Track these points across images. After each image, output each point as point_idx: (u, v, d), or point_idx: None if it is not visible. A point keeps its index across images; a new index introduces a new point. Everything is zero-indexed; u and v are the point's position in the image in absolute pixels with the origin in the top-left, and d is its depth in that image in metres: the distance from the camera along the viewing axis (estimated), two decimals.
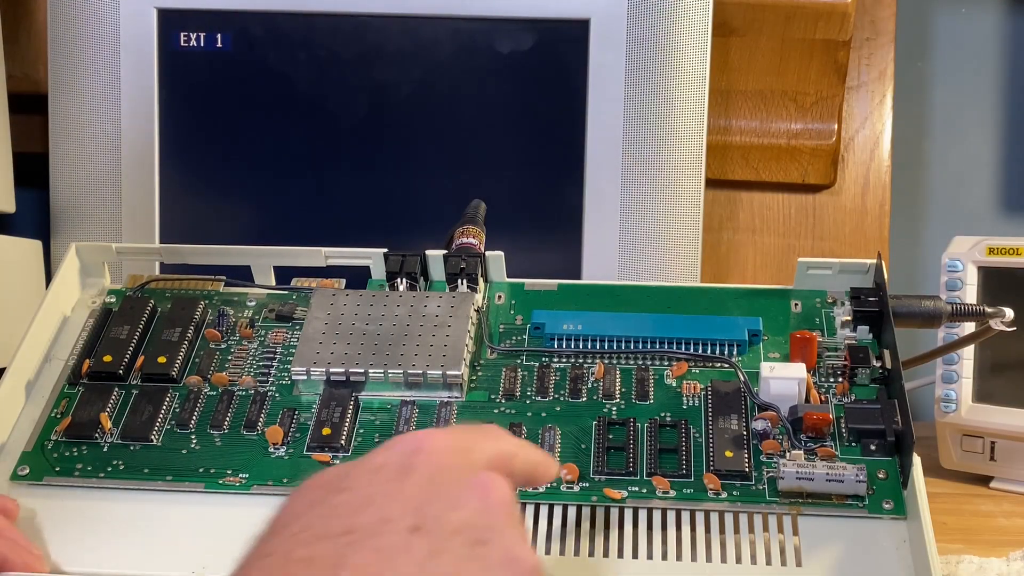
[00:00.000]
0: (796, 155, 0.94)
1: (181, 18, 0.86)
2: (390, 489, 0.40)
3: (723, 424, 0.57)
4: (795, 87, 0.94)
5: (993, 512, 0.72)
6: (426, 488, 0.40)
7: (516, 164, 0.86)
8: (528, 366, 0.61)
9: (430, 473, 0.41)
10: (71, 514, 0.56)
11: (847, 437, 0.56)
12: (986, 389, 0.76)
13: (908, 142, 1.02)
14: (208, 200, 0.87)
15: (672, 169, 0.85)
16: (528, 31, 0.85)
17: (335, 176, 0.86)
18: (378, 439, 0.58)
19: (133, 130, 0.86)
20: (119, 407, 0.60)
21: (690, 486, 0.55)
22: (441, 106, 0.86)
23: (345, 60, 0.86)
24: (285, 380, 0.61)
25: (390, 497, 0.40)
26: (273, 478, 0.57)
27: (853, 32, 0.92)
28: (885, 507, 0.53)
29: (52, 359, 0.64)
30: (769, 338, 0.62)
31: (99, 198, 0.87)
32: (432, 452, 0.42)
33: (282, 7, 0.85)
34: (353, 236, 0.68)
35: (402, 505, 0.39)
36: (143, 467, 0.58)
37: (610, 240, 0.84)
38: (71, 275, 0.67)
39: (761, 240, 0.96)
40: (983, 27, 1.02)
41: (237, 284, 0.67)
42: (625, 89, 0.84)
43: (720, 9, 0.87)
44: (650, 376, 0.60)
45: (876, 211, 0.96)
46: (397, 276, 0.64)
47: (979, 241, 0.76)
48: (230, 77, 0.86)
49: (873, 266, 0.63)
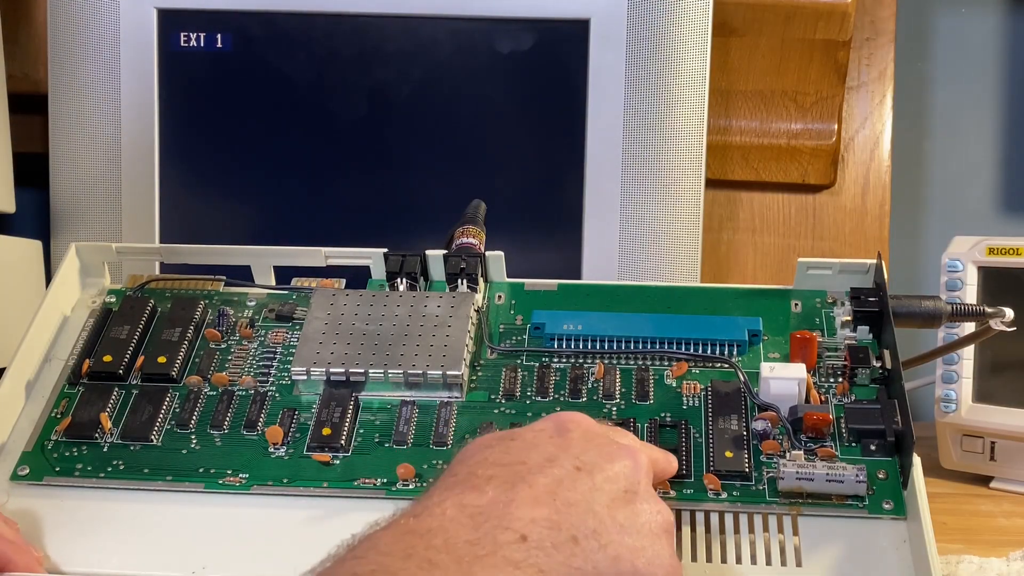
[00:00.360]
0: (796, 155, 0.94)
1: (181, 18, 0.86)
2: (553, 442, 0.47)
3: (723, 424, 0.57)
4: (795, 87, 0.94)
5: (993, 512, 0.72)
6: (583, 443, 0.47)
7: (516, 164, 0.86)
8: (528, 366, 0.61)
9: (584, 436, 0.48)
10: (71, 514, 0.56)
11: (847, 437, 0.56)
12: (986, 389, 0.76)
13: (908, 142, 1.02)
14: (208, 200, 0.87)
15: (672, 169, 0.85)
16: (528, 31, 0.85)
17: (335, 176, 0.86)
18: (378, 439, 0.58)
19: (133, 130, 0.86)
20: (119, 407, 0.60)
21: (690, 486, 0.54)
22: (441, 106, 0.86)
23: (345, 60, 0.86)
24: (285, 380, 0.61)
25: (555, 446, 0.47)
26: (273, 478, 0.57)
27: (853, 32, 0.92)
28: (885, 507, 0.53)
29: (52, 359, 0.64)
30: (769, 338, 0.62)
31: (99, 198, 0.87)
32: (583, 423, 0.49)
33: (282, 7, 0.85)
34: (353, 236, 0.68)
35: (565, 451, 0.46)
36: (143, 467, 0.58)
37: (610, 240, 0.84)
38: (71, 275, 0.67)
39: (761, 240, 0.96)
40: (983, 27, 1.02)
41: (237, 284, 0.67)
42: (625, 89, 0.84)
43: (720, 9, 0.87)
44: (650, 376, 0.60)
45: (876, 211, 0.96)
46: (397, 276, 0.64)
47: (979, 241, 0.76)
48: (230, 77, 0.86)
49: (873, 266, 0.63)
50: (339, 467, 0.57)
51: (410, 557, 0.40)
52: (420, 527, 0.42)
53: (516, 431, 0.49)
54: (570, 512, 0.44)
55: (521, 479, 0.44)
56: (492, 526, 0.42)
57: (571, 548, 0.43)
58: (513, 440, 0.48)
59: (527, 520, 0.42)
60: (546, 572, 0.41)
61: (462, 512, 0.42)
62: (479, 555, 0.41)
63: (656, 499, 0.48)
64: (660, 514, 0.47)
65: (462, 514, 0.42)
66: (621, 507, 0.46)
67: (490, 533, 0.42)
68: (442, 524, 0.42)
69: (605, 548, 0.44)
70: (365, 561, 0.41)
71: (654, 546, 0.45)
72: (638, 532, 0.45)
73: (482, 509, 0.43)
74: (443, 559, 0.40)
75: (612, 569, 0.44)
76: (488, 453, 0.47)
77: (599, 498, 0.45)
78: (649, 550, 0.45)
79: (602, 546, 0.44)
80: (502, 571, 0.41)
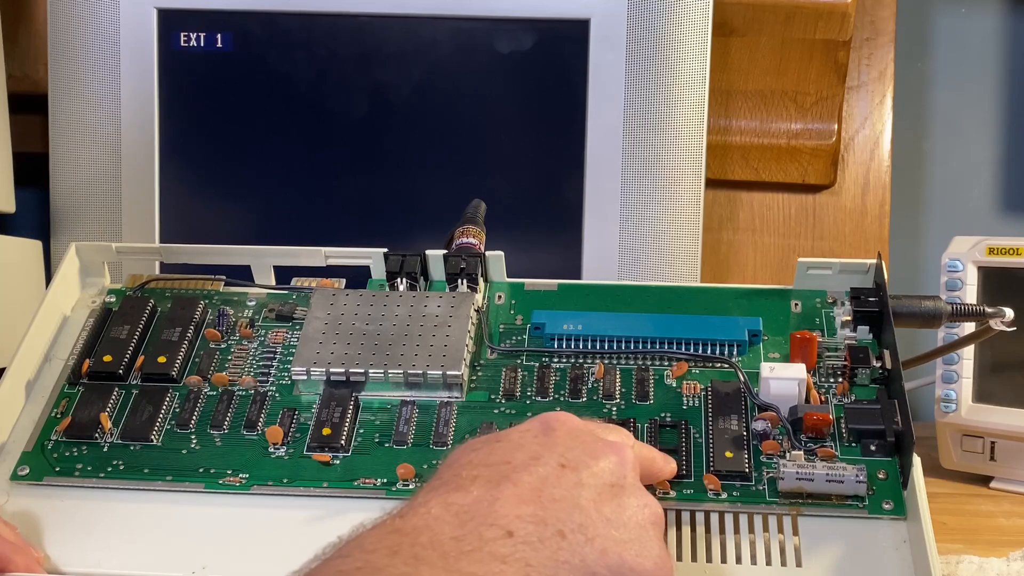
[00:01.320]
0: (796, 155, 0.94)
1: (181, 18, 0.86)
2: (538, 441, 0.48)
3: (723, 424, 0.57)
4: (795, 87, 0.94)
5: (993, 512, 0.72)
6: (569, 441, 0.48)
7: (516, 164, 0.86)
8: (528, 366, 0.61)
9: (570, 434, 0.48)
10: (71, 514, 0.56)
11: (847, 437, 0.56)
12: (986, 389, 0.76)
13: (908, 142, 1.02)
14: (208, 200, 0.87)
15: (672, 169, 0.85)
16: (528, 31, 0.85)
17: (335, 176, 0.86)
18: (378, 439, 0.58)
19: (133, 130, 0.86)
20: (119, 407, 0.60)
21: (690, 486, 0.54)
22: (441, 106, 0.86)
23: (345, 60, 0.86)
24: (285, 380, 0.61)
25: (539, 445, 0.47)
26: (273, 478, 0.57)
27: (853, 32, 0.92)
28: (885, 507, 0.53)
29: (52, 359, 0.64)
30: (769, 338, 0.62)
31: (99, 198, 0.87)
32: (569, 422, 0.49)
33: (282, 7, 0.85)
34: (353, 236, 0.68)
35: (550, 450, 0.47)
36: (143, 467, 0.58)
37: (610, 240, 0.84)
38: (71, 275, 0.67)
39: (761, 240, 0.96)
40: (983, 27, 1.02)
41: (237, 284, 0.67)
42: (625, 89, 0.84)
43: (720, 9, 0.87)
44: (650, 376, 0.60)
45: (876, 211, 0.96)
46: (397, 276, 0.64)
47: (979, 241, 0.76)
48: (230, 77, 0.86)
49: (873, 266, 0.63)
50: (339, 467, 0.57)
51: (396, 554, 0.41)
52: (405, 526, 0.42)
53: (502, 433, 0.49)
54: (555, 507, 0.44)
55: (506, 478, 0.45)
56: (477, 523, 0.42)
57: (558, 542, 0.43)
58: (499, 442, 0.48)
59: (512, 516, 0.43)
60: (534, 566, 0.42)
61: (447, 511, 0.43)
62: (465, 551, 0.41)
63: (643, 493, 0.48)
64: (648, 507, 0.47)
65: (447, 512, 0.43)
66: (607, 501, 0.46)
67: (475, 530, 0.42)
68: (427, 523, 0.42)
69: (592, 541, 0.44)
70: (351, 559, 0.41)
71: (642, 539, 0.46)
72: (625, 525, 0.46)
73: (467, 508, 0.43)
74: (429, 555, 0.41)
75: (600, 562, 0.44)
76: (473, 455, 0.47)
77: (584, 493, 0.45)
78: (637, 543, 0.45)
79: (589, 539, 0.44)
80: (489, 566, 0.41)
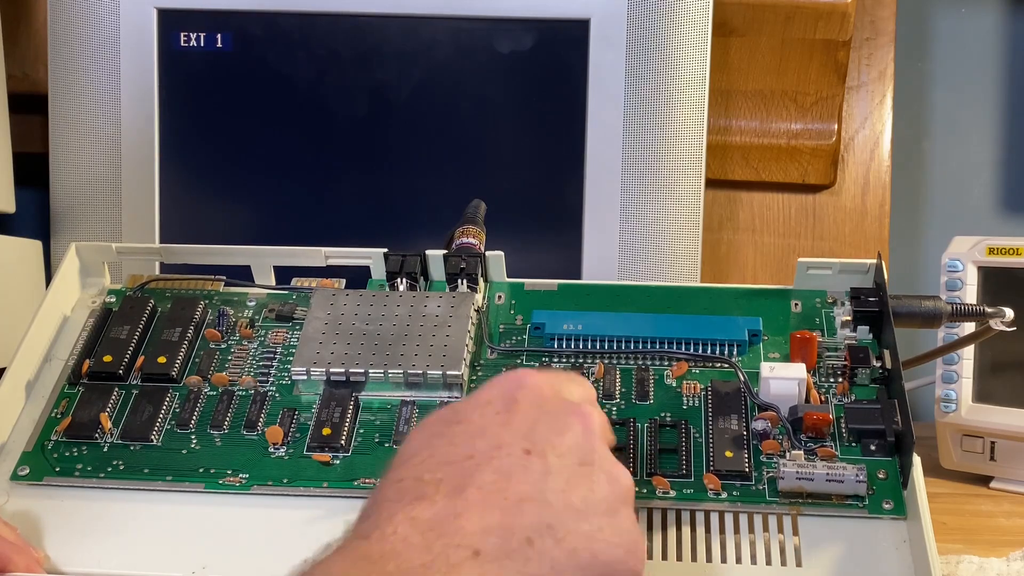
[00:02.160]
0: (796, 155, 0.94)
1: (181, 18, 0.86)
2: (500, 420, 0.46)
3: (723, 424, 0.57)
4: (795, 87, 0.94)
5: (993, 512, 0.72)
6: (532, 417, 0.46)
7: (516, 164, 0.86)
8: (528, 366, 0.61)
9: (533, 404, 0.47)
10: (71, 514, 0.56)
11: (847, 437, 0.56)
12: (986, 389, 0.76)
13: (908, 142, 1.02)
14: (208, 200, 0.87)
15: (672, 169, 0.85)
16: (528, 31, 0.85)
17: (335, 176, 0.86)
18: (378, 439, 0.58)
19: (133, 130, 0.86)
20: (119, 407, 0.60)
21: (690, 486, 0.54)
22: (441, 106, 0.86)
23: (345, 60, 0.86)
24: (285, 380, 0.61)
25: (502, 426, 0.46)
26: (273, 478, 0.57)
27: (853, 32, 0.92)
28: (885, 507, 0.53)
29: (52, 359, 0.64)
30: (769, 338, 0.62)
31: (99, 198, 0.87)
32: (532, 387, 0.48)
33: (282, 7, 0.85)
34: (353, 236, 0.68)
35: (513, 433, 0.45)
36: (143, 467, 0.58)
37: (610, 240, 0.84)
38: (71, 275, 0.67)
39: (761, 240, 0.96)
40: (983, 27, 1.02)
41: (237, 284, 0.67)
42: (625, 89, 0.84)
43: (720, 9, 0.87)
44: (650, 376, 0.60)
45: (876, 211, 0.96)
46: (397, 276, 0.64)
47: (979, 241, 0.76)
48: (230, 77, 0.86)
49: (873, 266, 0.63)
50: (339, 467, 0.57)
51: None
52: (372, 552, 0.41)
53: (459, 408, 0.47)
54: (522, 510, 0.43)
55: (469, 479, 0.43)
56: (444, 544, 0.41)
57: (526, 552, 0.42)
58: (459, 423, 0.46)
59: (478, 532, 0.42)
60: None
61: (414, 529, 0.41)
62: None
63: (612, 463, 0.46)
64: (618, 482, 0.46)
65: (414, 531, 0.41)
66: (576, 487, 0.44)
67: (443, 553, 0.41)
68: (394, 547, 0.41)
69: (561, 543, 0.43)
70: None
71: (612, 523, 0.45)
72: (594, 512, 0.44)
73: (433, 524, 0.42)
74: None
75: (570, 563, 0.43)
76: (433, 448, 0.45)
77: (552, 484, 0.44)
78: (607, 529, 0.44)
79: (558, 541, 0.43)
80: None
